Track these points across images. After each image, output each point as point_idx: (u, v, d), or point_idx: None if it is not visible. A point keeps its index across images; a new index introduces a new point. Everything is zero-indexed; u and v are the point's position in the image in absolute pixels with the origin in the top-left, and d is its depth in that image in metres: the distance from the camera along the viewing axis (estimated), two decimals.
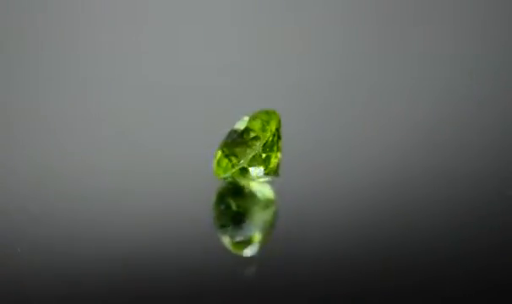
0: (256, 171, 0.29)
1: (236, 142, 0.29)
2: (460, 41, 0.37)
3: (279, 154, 0.29)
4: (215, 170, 0.29)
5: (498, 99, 0.35)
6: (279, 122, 0.29)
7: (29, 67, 0.35)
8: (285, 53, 0.36)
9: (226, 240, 0.29)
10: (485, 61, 0.36)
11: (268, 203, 0.30)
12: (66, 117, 0.34)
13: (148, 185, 0.31)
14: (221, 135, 0.30)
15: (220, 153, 0.29)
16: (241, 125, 0.29)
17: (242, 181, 0.30)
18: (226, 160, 0.29)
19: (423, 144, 0.33)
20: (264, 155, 0.29)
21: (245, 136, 0.29)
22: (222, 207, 0.30)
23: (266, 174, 0.29)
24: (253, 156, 0.29)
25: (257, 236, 0.29)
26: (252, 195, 0.30)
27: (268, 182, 0.30)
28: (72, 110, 0.34)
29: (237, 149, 0.29)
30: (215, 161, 0.29)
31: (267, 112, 0.29)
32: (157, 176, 0.31)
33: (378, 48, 0.37)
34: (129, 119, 0.34)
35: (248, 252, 0.28)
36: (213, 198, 0.30)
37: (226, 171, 0.29)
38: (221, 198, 0.30)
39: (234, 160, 0.29)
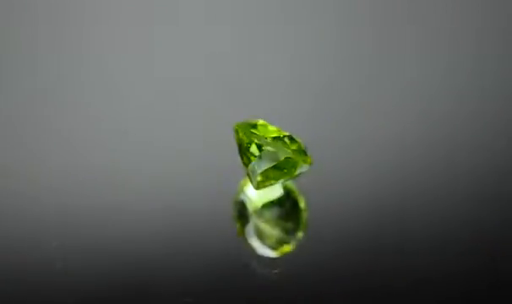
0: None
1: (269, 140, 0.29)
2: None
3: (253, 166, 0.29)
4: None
5: (497, 98, 0.35)
6: (300, 167, 0.29)
7: (28, 67, 0.35)
8: (294, 55, 0.37)
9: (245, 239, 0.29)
10: (484, 60, 0.36)
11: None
12: (68, 118, 0.34)
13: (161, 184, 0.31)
14: (223, 135, 0.30)
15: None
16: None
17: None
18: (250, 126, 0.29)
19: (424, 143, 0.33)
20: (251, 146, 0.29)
21: (278, 138, 0.29)
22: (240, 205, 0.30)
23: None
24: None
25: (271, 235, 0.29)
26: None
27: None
28: (73, 110, 0.34)
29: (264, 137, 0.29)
30: None
31: (305, 154, 0.29)
32: (173, 174, 0.32)
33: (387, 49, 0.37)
34: (140, 117, 0.34)
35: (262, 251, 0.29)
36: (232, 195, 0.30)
37: (243, 129, 0.29)
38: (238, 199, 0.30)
39: (252, 133, 0.29)
